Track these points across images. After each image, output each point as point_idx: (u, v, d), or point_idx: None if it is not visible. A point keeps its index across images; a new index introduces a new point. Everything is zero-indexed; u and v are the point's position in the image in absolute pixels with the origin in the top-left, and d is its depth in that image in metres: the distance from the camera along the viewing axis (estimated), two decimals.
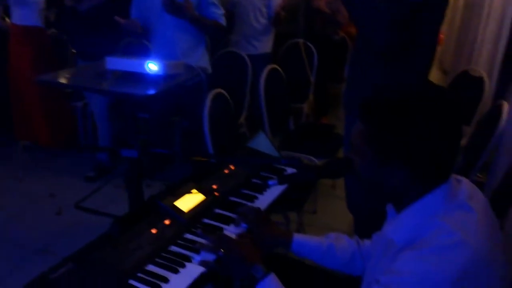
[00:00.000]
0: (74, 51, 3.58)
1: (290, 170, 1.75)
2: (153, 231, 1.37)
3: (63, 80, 2.34)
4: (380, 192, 1.05)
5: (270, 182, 1.28)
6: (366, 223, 1.43)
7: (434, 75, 2.02)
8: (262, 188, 1.63)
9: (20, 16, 3.35)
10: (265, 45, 3.74)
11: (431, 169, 0.95)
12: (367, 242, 1.34)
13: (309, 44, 3.90)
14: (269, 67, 3.05)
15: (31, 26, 3.38)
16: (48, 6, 3.50)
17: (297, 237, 1.35)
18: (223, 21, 2.81)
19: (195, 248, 1.29)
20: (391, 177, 0.97)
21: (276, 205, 1.61)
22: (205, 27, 2.75)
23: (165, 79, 2.19)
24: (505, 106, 2.16)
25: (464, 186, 1.00)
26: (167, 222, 1.41)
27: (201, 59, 2.86)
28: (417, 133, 0.92)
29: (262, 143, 2.31)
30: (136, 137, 1.97)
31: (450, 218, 0.92)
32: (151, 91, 2.05)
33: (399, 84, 1.01)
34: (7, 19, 3.76)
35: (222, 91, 2.55)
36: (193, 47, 2.82)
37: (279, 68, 3.16)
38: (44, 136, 3.61)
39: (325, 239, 1.35)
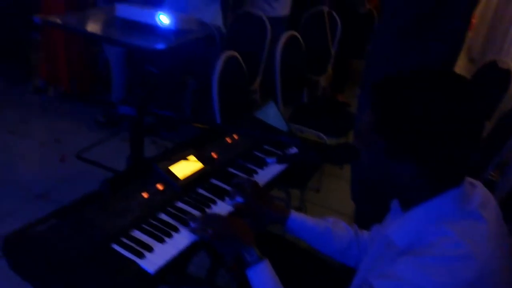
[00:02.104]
0: None
1: (293, 147, 1.67)
2: (144, 195, 1.31)
3: (75, 25, 2.25)
4: (386, 186, 0.98)
5: (269, 160, 1.21)
6: (367, 214, 1.36)
7: (460, 63, 1.90)
8: (263, 163, 1.55)
9: None
10: (284, 7, 3.55)
11: (442, 168, 0.87)
12: (365, 233, 1.28)
13: (333, 13, 3.71)
14: (288, 33, 2.91)
15: None
16: None
17: (294, 214, 1.28)
18: None
19: (185, 219, 1.24)
20: (398, 172, 0.89)
21: (278, 181, 1.55)
22: None
23: (176, 33, 2.08)
24: None
25: (478, 192, 0.92)
26: (160, 187, 1.35)
27: (215, 16, 2.73)
28: (429, 126, 0.83)
29: (272, 113, 2.22)
30: (138, 94, 1.89)
31: (458, 226, 0.84)
32: (161, 46, 1.95)
33: (417, 70, 0.91)
34: None
35: (236, 53, 2.43)
36: (207, 2, 2.69)
37: (298, 36, 3.01)
38: (65, 79, 3.56)
39: (322, 221, 1.29)
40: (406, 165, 0.87)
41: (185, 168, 1.43)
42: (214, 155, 1.54)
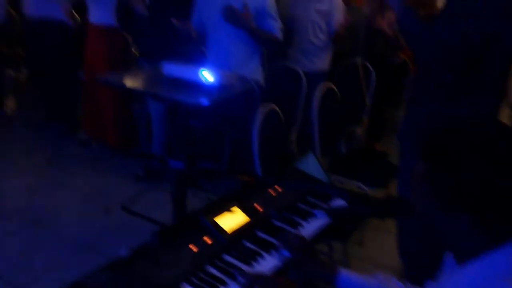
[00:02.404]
0: (137, 51, 3.65)
1: (338, 199, 1.67)
2: (193, 247, 1.33)
3: (121, 81, 2.38)
4: (439, 239, 0.96)
5: (318, 213, 1.21)
6: (418, 269, 1.32)
7: (504, 113, 1.88)
8: (307, 215, 1.55)
9: (97, 15, 3.42)
10: (323, 62, 3.67)
11: (499, 219, 0.85)
12: None
13: (367, 64, 3.78)
14: (324, 85, 2.97)
15: (108, 25, 3.43)
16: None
17: (343, 272, 1.26)
18: (279, 34, 2.78)
19: (233, 273, 1.24)
20: (453, 223, 0.88)
21: (322, 234, 1.54)
22: (260, 38, 2.73)
23: (219, 89, 2.17)
24: None
25: None
26: (207, 239, 1.37)
27: (255, 71, 2.84)
28: (482, 175, 0.82)
29: (311, 164, 2.24)
30: (185, 149, 1.96)
31: None
32: (204, 101, 2.03)
33: (466, 121, 0.92)
34: (77, 16, 3.92)
35: (275, 106, 2.50)
36: (248, 58, 2.80)
37: (334, 88, 3.07)
38: (110, 135, 3.69)
39: (373, 278, 1.25)
40: (461, 216, 0.86)
41: (231, 220, 1.45)
42: (258, 207, 1.56)
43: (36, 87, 4.57)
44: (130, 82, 2.33)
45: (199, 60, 3.06)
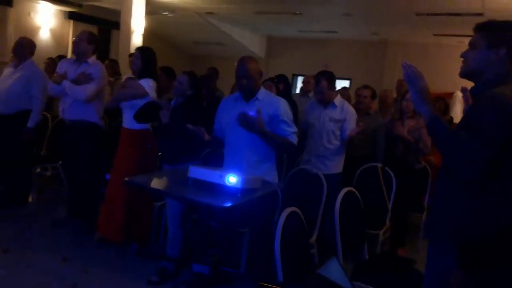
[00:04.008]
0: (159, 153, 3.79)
1: None
2: None
3: (147, 183, 2.45)
4: None
5: None
6: None
7: None
8: None
9: (130, 120, 3.57)
10: (336, 165, 3.74)
11: None
12: None
13: (387, 169, 3.82)
14: (345, 189, 2.98)
15: (141, 129, 3.59)
16: None
17: None
18: (293, 139, 2.87)
19: None
20: None
21: None
22: (273, 142, 2.83)
23: (242, 192, 2.20)
24: None
25: None
26: None
27: (268, 174, 2.89)
28: None
29: (334, 270, 2.16)
30: (209, 252, 1.93)
31: None
32: (228, 203, 2.05)
33: (500, 229, 0.90)
34: (106, 120, 4.17)
35: (296, 209, 2.50)
36: (261, 161, 2.88)
37: (355, 191, 3.08)
38: (120, 233, 3.68)
39: None
40: None
41: None
42: None
43: (61, 185, 4.70)
44: (158, 184, 2.39)
45: (217, 162, 3.15)
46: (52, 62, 5.80)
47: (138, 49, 3.83)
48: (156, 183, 2.45)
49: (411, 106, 3.90)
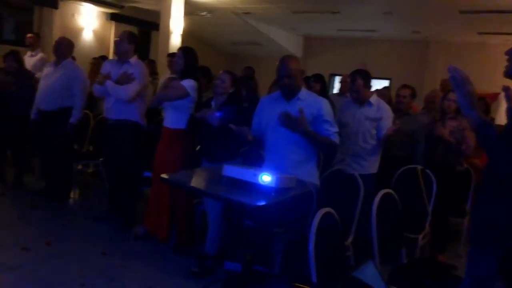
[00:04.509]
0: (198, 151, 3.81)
1: None
2: None
3: (185, 181, 2.47)
4: None
5: None
6: None
7: None
8: None
9: (172, 120, 3.66)
10: (372, 165, 3.65)
11: None
12: None
13: (428, 171, 3.69)
14: (383, 191, 2.90)
15: (183, 129, 3.62)
16: None
17: None
18: (336, 138, 2.84)
19: None
20: None
21: None
22: (316, 142, 2.80)
23: (276, 191, 2.18)
24: None
25: None
26: None
27: (310, 174, 2.86)
28: None
29: (370, 274, 2.11)
30: (242, 251, 1.93)
31: None
32: (262, 202, 2.04)
33: None
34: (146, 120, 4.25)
35: (332, 210, 2.45)
36: (303, 161, 2.86)
37: (393, 193, 2.99)
38: (165, 230, 3.78)
39: None
40: None
41: None
42: None
43: (102, 182, 4.83)
44: (193, 182, 2.41)
45: (257, 161, 3.14)
46: (98, 62, 5.98)
47: (181, 49, 3.85)
48: (192, 181, 2.48)
49: (453, 107, 3.76)
